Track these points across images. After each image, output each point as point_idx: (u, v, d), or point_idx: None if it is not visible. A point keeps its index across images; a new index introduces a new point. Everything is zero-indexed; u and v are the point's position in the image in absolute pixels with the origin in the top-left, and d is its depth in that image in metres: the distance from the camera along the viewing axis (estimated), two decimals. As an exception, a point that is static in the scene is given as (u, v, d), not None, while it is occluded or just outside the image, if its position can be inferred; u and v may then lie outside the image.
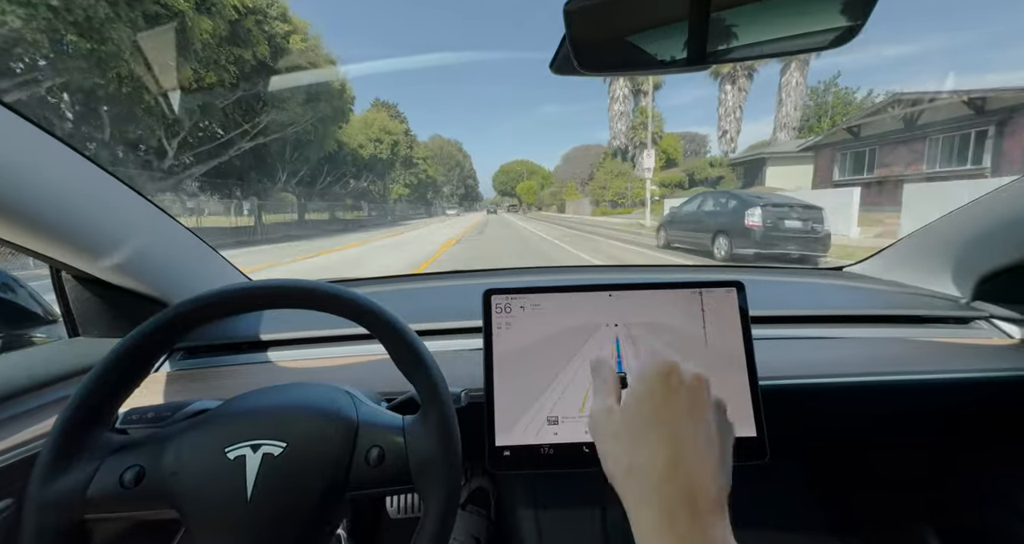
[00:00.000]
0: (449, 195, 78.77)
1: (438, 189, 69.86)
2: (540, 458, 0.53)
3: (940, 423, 0.87)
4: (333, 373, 0.79)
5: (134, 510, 0.42)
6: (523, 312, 0.58)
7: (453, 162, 77.60)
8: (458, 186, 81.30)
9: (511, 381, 0.55)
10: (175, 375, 0.80)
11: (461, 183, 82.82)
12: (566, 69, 0.52)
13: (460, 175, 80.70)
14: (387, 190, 43.70)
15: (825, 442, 1.02)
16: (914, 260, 1.04)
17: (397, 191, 48.10)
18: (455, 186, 79.90)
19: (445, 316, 0.87)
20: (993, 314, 0.88)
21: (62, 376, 0.68)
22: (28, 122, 0.54)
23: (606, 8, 0.44)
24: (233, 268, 0.96)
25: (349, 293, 0.48)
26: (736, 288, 0.58)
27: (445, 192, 76.56)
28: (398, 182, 48.34)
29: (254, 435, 0.44)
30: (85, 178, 0.63)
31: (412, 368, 0.48)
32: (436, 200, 69.59)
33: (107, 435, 0.45)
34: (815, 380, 0.73)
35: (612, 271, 1.76)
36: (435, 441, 0.45)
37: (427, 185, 56.42)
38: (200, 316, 0.47)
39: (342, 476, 0.44)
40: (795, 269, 1.34)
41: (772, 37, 0.47)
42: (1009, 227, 0.78)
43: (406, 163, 46.35)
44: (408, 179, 50.10)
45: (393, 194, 47.21)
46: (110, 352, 0.44)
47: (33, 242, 0.60)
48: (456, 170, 78.45)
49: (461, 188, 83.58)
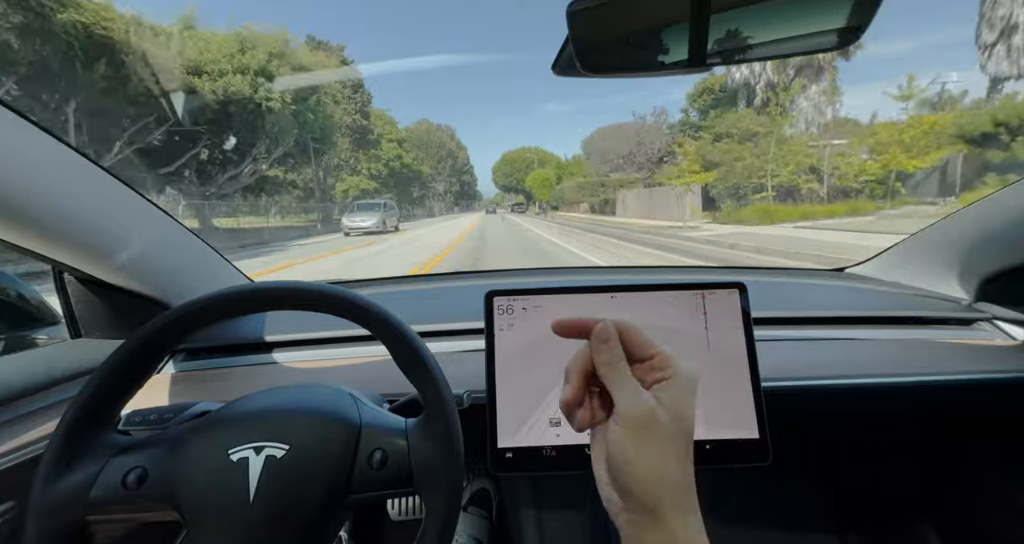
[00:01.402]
0: (444, 193, 63.49)
1: (426, 184, 55.56)
2: (542, 460, 0.53)
3: (942, 424, 0.87)
4: (335, 374, 0.79)
5: (136, 512, 0.42)
6: (525, 313, 0.58)
7: (444, 152, 60.48)
8: (452, 182, 65.39)
9: (513, 382, 0.55)
10: (178, 377, 0.80)
11: (456, 178, 66.66)
12: (569, 70, 0.52)
13: (453, 168, 63.31)
14: (324, 177, 28.84)
15: (827, 443, 1.02)
16: (916, 261, 1.03)
17: (354, 184, 34.11)
18: (449, 182, 63.90)
19: (447, 317, 0.87)
20: (996, 315, 0.88)
21: (64, 378, 0.68)
22: (31, 124, 0.54)
23: (608, 10, 0.45)
24: (235, 270, 0.96)
25: (351, 294, 0.48)
26: (738, 289, 0.58)
27: (439, 189, 61.67)
28: (359, 171, 35.53)
29: (257, 437, 0.44)
30: (87, 180, 0.63)
31: (414, 369, 0.48)
32: (428, 198, 56.00)
33: (110, 437, 0.45)
34: (817, 382, 0.73)
35: (614, 272, 1.76)
36: (437, 443, 0.45)
37: (411, 178, 43.46)
38: (202, 318, 0.47)
39: (344, 479, 0.44)
40: (797, 270, 1.34)
41: (774, 39, 0.48)
42: (1012, 228, 0.77)
43: (361, 141, 34.50)
44: (372, 167, 36.63)
45: (340, 189, 33.17)
46: (112, 354, 0.44)
47: (36, 244, 0.61)
48: (448, 162, 61.26)
49: (456, 185, 67.56)
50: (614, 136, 35.07)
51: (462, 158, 68.40)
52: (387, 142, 39.42)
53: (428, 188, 57.54)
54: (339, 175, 34.78)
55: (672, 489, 0.30)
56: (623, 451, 0.30)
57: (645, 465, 0.30)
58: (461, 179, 69.88)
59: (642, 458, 0.30)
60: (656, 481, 0.30)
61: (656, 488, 0.30)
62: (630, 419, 0.31)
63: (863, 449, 1.05)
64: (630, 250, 9.51)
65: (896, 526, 1.03)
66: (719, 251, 9.00)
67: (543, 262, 7.81)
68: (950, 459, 0.97)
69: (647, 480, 0.30)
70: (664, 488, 0.30)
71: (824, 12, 0.45)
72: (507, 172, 61.92)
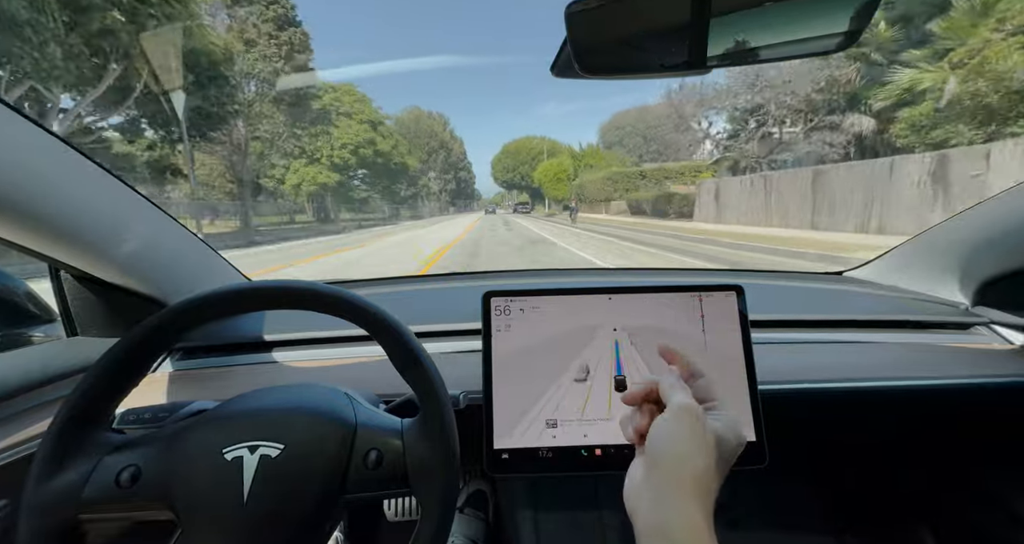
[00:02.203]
0: (438, 192, 55.93)
1: (416, 180, 46.32)
2: (538, 461, 0.53)
3: (939, 427, 0.87)
4: (331, 374, 0.79)
5: (130, 510, 0.42)
6: (522, 314, 0.57)
7: (436, 142, 52.40)
8: (448, 180, 56.66)
9: (510, 384, 0.55)
10: (173, 375, 0.80)
11: (452, 175, 57.86)
12: (567, 72, 0.52)
13: (447, 162, 55.26)
14: (242, 158, 18.86)
15: (824, 446, 1.02)
16: (914, 265, 1.04)
17: (310, 176, 24.75)
18: (444, 181, 55.25)
19: (444, 318, 0.87)
20: (993, 320, 0.88)
21: (59, 375, 0.68)
22: (27, 120, 0.54)
23: (607, 11, 0.45)
24: (232, 268, 0.96)
25: (347, 294, 0.48)
26: (736, 292, 0.58)
27: (432, 187, 53.31)
28: (318, 160, 25.43)
29: (252, 436, 0.43)
30: (84, 177, 0.63)
31: (410, 370, 0.48)
32: (421, 197, 47.91)
33: (104, 435, 0.45)
34: (814, 385, 0.73)
35: (612, 274, 1.76)
36: (433, 444, 0.45)
37: (395, 172, 33.66)
38: (198, 316, 0.47)
39: (339, 479, 0.44)
40: (795, 273, 1.34)
41: (772, 42, 0.48)
42: (1010, 233, 0.78)
43: (298, 110, 22.03)
44: (336, 154, 26.76)
45: (291, 183, 24.72)
46: (108, 352, 0.44)
47: (32, 241, 0.60)
48: (440, 154, 53.03)
49: (452, 182, 58.76)
50: (642, 119, 29.54)
51: (457, 151, 58.97)
52: (357, 123, 28.84)
53: (419, 185, 48.14)
54: (292, 165, 24.46)
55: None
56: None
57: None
58: (457, 176, 61.46)
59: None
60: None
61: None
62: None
63: (860, 452, 1.05)
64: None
65: (893, 528, 1.03)
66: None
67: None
68: (947, 462, 0.97)
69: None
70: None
71: (822, 15, 0.45)
72: (509, 165, 51.73)
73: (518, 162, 50.80)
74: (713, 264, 7.03)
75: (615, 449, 0.53)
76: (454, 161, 59.03)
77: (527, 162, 49.41)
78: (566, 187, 33.92)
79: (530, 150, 50.19)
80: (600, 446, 0.53)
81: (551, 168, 37.67)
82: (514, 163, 51.25)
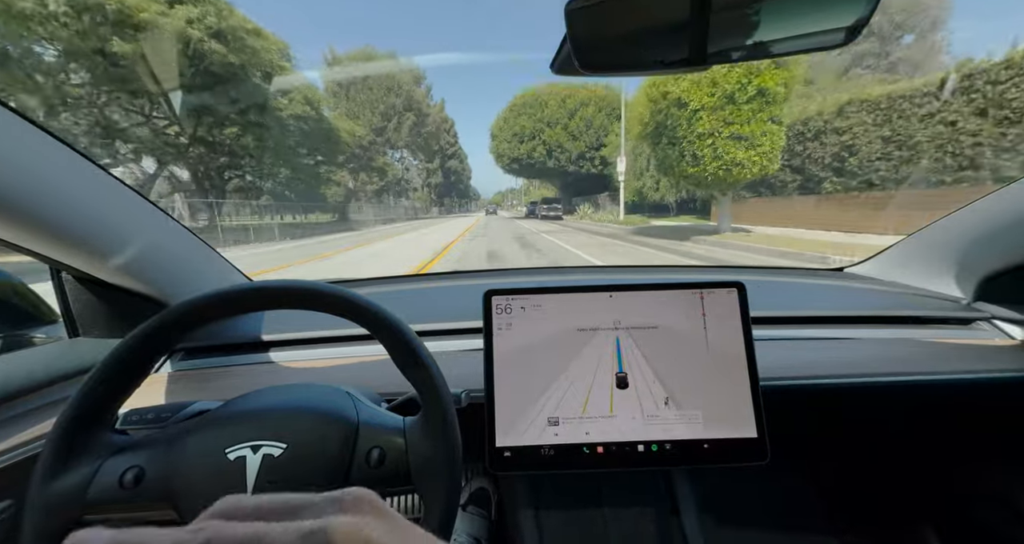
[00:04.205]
0: (421, 186, 37.06)
1: (369, 162, 28.29)
2: (540, 459, 0.53)
3: (940, 423, 0.87)
4: (333, 374, 0.79)
5: (134, 511, 0.42)
6: (524, 313, 0.57)
7: (400, 101, 32.10)
8: (431, 170, 37.07)
9: (512, 382, 0.55)
10: (175, 376, 0.80)
11: (436, 163, 37.49)
12: (567, 69, 0.52)
13: (419, 132, 34.08)
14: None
15: (825, 442, 1.02)
16: (915, 261, 1.03)
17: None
18: (427, 170, 36.22)
19: (445, 317, 0.87)
20: (995, 315, 0.88)
21: (62, 377, 0.68)
22: (29, 123, 0.54)
23: (607, 8, 0.44)
24: (234, 268, 0.96)
25: (349, 293, 0.48)
26: (737, 289, 0.58)
27: (408, 177, 33.94)
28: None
29: (254, 436, 0.44)
30: (86, 178, 0.63)
31: (412, 369, 0.48)
32: (387, 194, 30.71)
33: (107, 436, 0.45)
34: (815, 381, 0.73)
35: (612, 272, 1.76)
36: (435, 442, 0.45)
37: (307, 143, 18.64)
38: (200, 317, 0.47)
39: (342, 477, 0.44)
40: (796, 270, 1.34)
41: (773, 37, 0.47)
42: (1011, 228, 0.77)
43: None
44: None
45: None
46: (110, 353, 0.44)
47: (34, 242, 0.60)
48: (408, 119, 32.46)
49: (437, 173, 38.80)
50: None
51: (436, 119, 36.38)
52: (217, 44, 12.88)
53: (385, 172, 29.17)
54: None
55: None
56: None
57: None
58: (445, 165, 40.45)
59: None
60: None
61: None
62: None
63: (861, 448, 1.05)
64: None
65: (895, 525, 1.03)
66: None
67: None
68: (949, 458, 0.97)
69: None
70: None
71: (824, 10, 0.45)
72: (522, 132, 28.17)
73: (537, 123, 27.93)
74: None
75: (616, 446, 0.53)
76: (433, 132, 35.71)
77: (555, 122, 27.18)
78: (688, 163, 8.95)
79: (558, 99, 27.14)
80: (601, 443, 0.53)
81: (636, 110, 10.38)
82: (534, 126, 28.13)
